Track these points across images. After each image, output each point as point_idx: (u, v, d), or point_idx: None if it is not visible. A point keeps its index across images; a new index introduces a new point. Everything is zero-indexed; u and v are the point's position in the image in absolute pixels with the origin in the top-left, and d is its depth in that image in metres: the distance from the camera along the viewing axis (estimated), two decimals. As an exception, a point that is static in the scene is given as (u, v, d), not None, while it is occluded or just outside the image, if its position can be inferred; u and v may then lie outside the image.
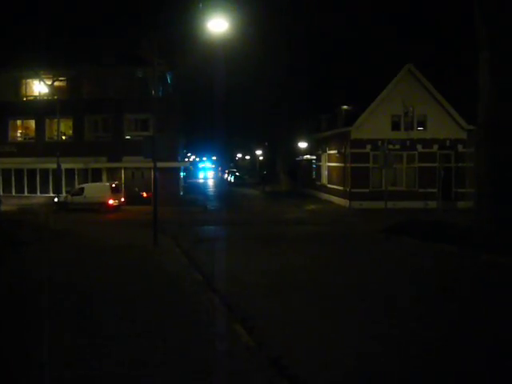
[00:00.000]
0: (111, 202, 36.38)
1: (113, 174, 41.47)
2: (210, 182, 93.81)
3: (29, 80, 43.31)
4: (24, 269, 13.99)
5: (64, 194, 37.50)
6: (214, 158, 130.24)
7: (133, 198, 39.97)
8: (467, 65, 31.21)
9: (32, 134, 43.43)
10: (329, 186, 44.40)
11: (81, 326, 8.73)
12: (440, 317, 9.72)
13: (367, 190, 36.73)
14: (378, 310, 10.19)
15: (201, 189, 67.55)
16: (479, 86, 19.01)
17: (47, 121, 42.27)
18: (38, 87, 42.78)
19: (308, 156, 53.80)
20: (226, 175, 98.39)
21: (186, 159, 75.45)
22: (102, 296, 10.87)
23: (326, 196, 45.14)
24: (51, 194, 39.17)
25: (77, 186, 38.38)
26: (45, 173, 41.32)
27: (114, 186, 37.63)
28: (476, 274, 14.01)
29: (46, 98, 42.06)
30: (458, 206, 35.41)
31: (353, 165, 37.25)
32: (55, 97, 39.82)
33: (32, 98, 43.58)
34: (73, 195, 36.51)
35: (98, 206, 35.66)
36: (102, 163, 41.26)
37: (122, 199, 38.44)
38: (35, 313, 9.30)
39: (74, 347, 7.58)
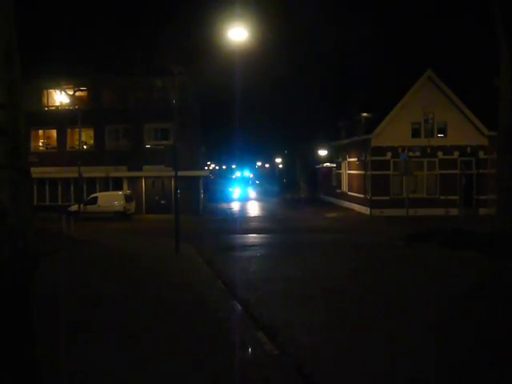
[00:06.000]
0: (125, 210, 36.71)
1: (133, 183, 41.79)
2: (255, 210, 49.63)
3: (50, 90, 43.88)
4: (54, 278, 14.07)
5: (75, 204, 37.90)
6: (234, 166, 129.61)
7: (153, 207, 40.40)
8: (488, 69, 31.03)
9: (54, 143, 43.99)
10: (349, 193, 44.26)
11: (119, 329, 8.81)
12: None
13: (388, 198, 36.56)
14: (402, 317, 10.09)
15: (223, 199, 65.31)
16: (500, 91, 18.81)
17: (69, 130, 42.75)
18: (60, 97, 43.26)
19: (328, 164, 53.74)
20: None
21: (206, 167, 74.39)
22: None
23: (346, 204, 44.99)
24: (73, 203, 39.48)
25: (91, 195, 38.68)
26: (66, 182, 41.74)
27: (126, 194, 37.99)
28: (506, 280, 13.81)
29: (67, 107, 42.53)
30: (479, 213, 35.12)
31: (373, 172, 37.11)
32: (76, 107, 40.26)
33: (54, 108, 44.13)
34: (86, 204, 36.76)
35: (112, 214, 35.94)
36: (123, 172, 41.66)
37: (133, 208, 38.84)
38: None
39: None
